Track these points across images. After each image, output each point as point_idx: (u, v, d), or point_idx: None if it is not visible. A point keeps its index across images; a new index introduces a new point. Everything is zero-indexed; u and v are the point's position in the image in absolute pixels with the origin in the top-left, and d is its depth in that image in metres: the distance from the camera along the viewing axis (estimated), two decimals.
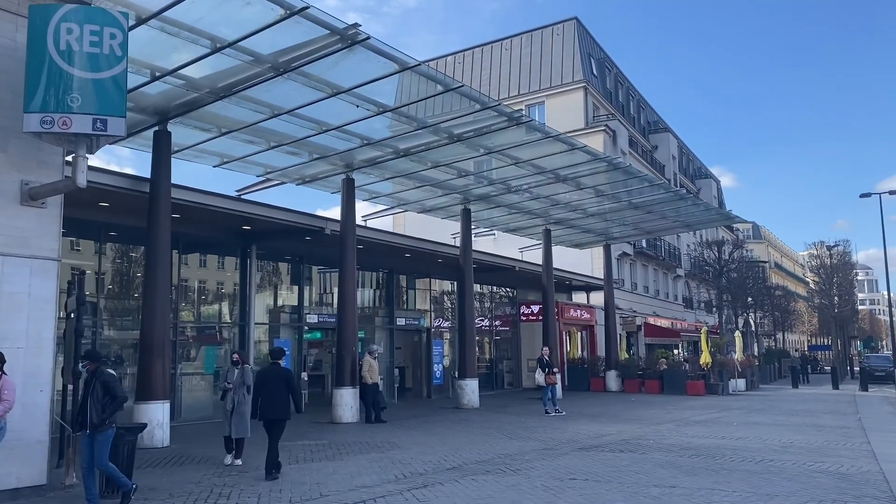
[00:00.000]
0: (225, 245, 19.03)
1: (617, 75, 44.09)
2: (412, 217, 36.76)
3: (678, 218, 26.25)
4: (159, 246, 13.39)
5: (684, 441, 13.29)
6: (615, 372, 28.67)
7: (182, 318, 18.01)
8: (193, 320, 18.60)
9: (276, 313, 20.83)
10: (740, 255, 43.80)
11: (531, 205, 22.80)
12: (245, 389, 10.79)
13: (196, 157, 15.99)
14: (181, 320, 17.87)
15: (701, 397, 25.46)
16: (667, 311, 46.13)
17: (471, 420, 17.33)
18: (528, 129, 16.31)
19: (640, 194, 22.41)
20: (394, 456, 11.49)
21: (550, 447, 12.53)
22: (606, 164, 19.15)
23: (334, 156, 16.47)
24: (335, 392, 17.01)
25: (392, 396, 23.09)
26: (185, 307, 18.35)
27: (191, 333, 18.53)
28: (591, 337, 33.68)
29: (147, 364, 13.03)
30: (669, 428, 15.61)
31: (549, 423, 16.67)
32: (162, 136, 13.63)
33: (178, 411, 17.31)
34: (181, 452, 12.06)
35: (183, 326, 18.11)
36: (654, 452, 11.81)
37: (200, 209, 15.77)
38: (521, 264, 27.29)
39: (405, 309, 25.50)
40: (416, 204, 21.95)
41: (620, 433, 14.65)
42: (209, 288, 19.25)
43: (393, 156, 16.82)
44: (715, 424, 16.40)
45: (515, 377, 30.42)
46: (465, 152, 17.22)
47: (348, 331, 17.32)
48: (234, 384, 10.95)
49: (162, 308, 13.25)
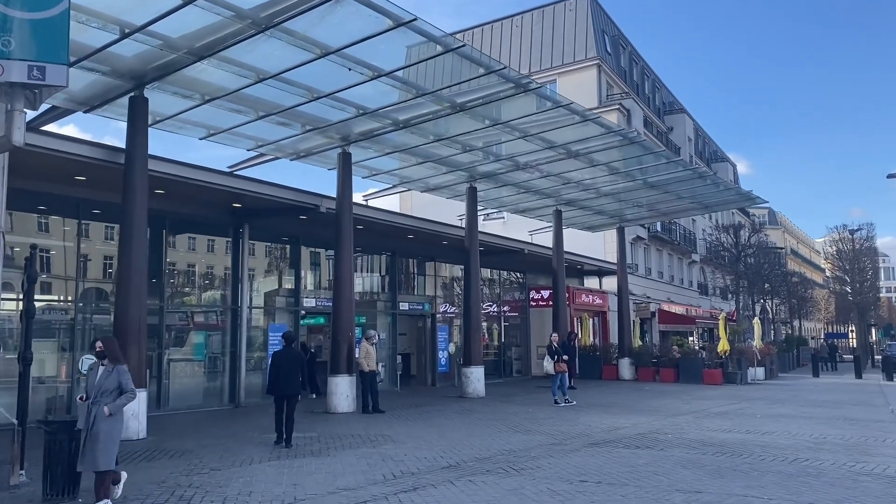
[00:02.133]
0: (216, 225, 17.99)
1: (631, 53, 42.61)
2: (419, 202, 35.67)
3: (696, 198, 24.94)
4: (135, 222, 12.34)
5: (706, 436, 12.15)
6: (628, 360, 27.50)
7: (170, 301, 17.01)
8: (182, 304, 17.60)
9: (271, 297, 19.80)
10: (759, 239, 42.34)
11: (541, 184, 21.61)
12: (114, 397, 7.05)
13: (180, 129, 14.88)
14: (169, 304, 16.87)
15: (718, 387, 24.29)
16: (681, 298, 44.82)
17: (474, 410, 16.26)
18: (536, 98, 15.12)
19: (657, 172, 21.15)
20: (386, 451, 10.42)
21: (559, 442, 11.43)
22: (621, 139, 17.91)
23: (328, 127, 15.34)
24: (330, 380, 15.98)
25: (394, 384, 22.09)
26: (173, 290, 17.35)
27: (179, 318, 17.54)
28: (604, 323, 32.51)
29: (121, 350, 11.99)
30: (688, 420, 14.47)
31: (558, 414, 15.58)
32: (137, 103, 12.55)
33: (165, 399, 16.39)
34: (156, 446, 11.05)
35: (171, 310, 17.12)
36: (673, 449, 10.68)
37: (186, 184, 14.72)
38: (530, 247, 26.12)
39: (409, 294, 24.42)
40: (419, 182, 20.80)
41: (636, 426, 13.53)
42: (199, 270, 18.22)
43: (392, 128, 15.66)
44: (737, 416, 15.25)
45: (524, 365, 29.32)
46: (470, 125, 16.03)
47: (344, 315, 16.26)
48: (93, 391, 7.07)
49: (137, 290, 12.21)
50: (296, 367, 11.26)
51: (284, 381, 11.13)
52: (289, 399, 11.15)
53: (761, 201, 25.62)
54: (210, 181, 14.98)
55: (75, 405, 14.67)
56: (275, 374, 11.31)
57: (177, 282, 17.56)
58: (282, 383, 11.15)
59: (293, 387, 11.17)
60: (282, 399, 11.16)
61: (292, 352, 11.56)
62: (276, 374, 11.28)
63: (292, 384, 11.16)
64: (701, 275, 51.09)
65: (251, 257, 19.13)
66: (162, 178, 14.08)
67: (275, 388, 11.27)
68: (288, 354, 11.42)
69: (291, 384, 11.16)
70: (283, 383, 11.15)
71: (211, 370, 17.89)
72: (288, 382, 11.14)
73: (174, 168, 14.18)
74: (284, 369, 11.18)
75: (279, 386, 11.18)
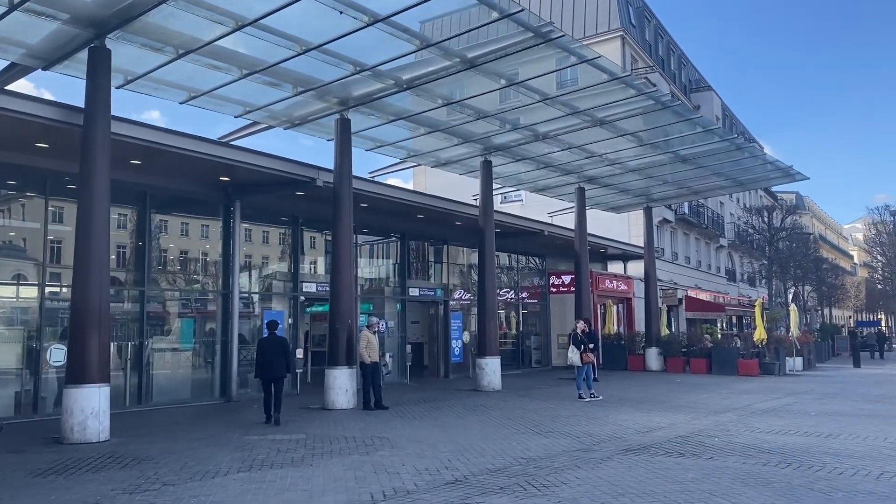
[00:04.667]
0: (204, 202, 16.38)
1: (657, 27, 40.41)
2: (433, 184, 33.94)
3: (730, 174, 22.93)
4: (95, 193, 10.72)
5: (759, 439, 10.34)
6: (656, 349, 25.60)
7: (153, 285, 15.45)
8: (167, 288, 16.02)
9: (266, 282, 18.19)
10: (793, 221, 39.98)
11: (562, 157, 19.73)
12: None
13: (156, 90, 13.21)
14: (151, 288, 15.31)
15: (755, 378, 22.37)
16: (709, 284, 42.72)
17: (489, 406, 14.54)
18: (557, 58, 13.28)
19: (690, 143, 19.20)
20: (381, 460, 8.73)
21: (587, 447, 9.68)
22: (653, 103, 15.98)
23: (323, 88, 13.61)
24: (327, 373, 14.32)
25: (404, 376, 20.45)
26: (156, 274, 15.78)
27: (163, 304, 15.99)
28: (629, 311, 30.59)
29: (79, 340, 10.43)
30: (733, 419, 12.65)
31: (584, 411, 13.82)
32: (98, 54, 10.90)
33: (147, 394, 14.87)
34: (115, 451, 9.46)
35: (154, 295, 15.56)
36: (725, 457, 8.89)
37: (165, 152, 13.10)
38: (550, 228, 24.29)
39: (420, 279, 22.73)
40: (428, 156, 19.02)
41: (674, 426, 11.74)
42: (186, 252, 16.62)
43: (395, 89, 13.88)
44: (787, 414, 13.39)
45: (544, 355, 27.52)
46: (484, 85, 14.21)
47: (343, 300, 14.59)
48: None
49: (98, 271, 10.59)
50: (280, 353, 12.22)
51: (270, 366, 12.11)
52: (275, 382, 12.11)
53: (802, 177, 23.52)
54: (192, 149, 13.33)
55: (42, 399, 13.24)
56: (261, 360, 12.26)
57: (160, 265, 15.98)
58: (268, 368, 12.14)
59: (277, 370, 12.12)
60: (269, 382, 12.17)
61: (276, 338, 12.48)
62: (262, 360, 12.24)
63: (276, 368, 12.12)
64: (728, 260, 48.86)
65: (246, 240, 17.58)
66: (135, 144, 12.47)
67: (262, 372, 12.25)
68: (272, 341, 12.38)
69: (275, 368, 12.12)
70: (269, 368, 12.13)
71: (199, 361, 16.35)
72: (273, 367, 12.11)
73: (149, 133, 12.55)
74: (269, 354, 12.16)
75: (265, 370, 12.17)
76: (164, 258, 16.08)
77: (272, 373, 12.12)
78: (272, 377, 12.12)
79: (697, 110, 44.33)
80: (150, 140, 12.55)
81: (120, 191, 14.65)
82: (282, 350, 12.26)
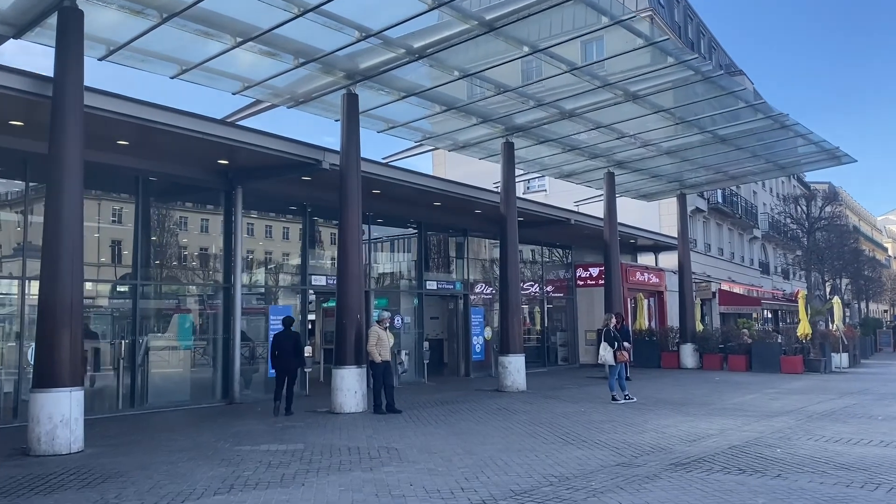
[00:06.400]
0: (203, 188, 15.20)
1: (686, 8, 38.61)
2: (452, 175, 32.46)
3: (772, 157, 21.29)
4: (66, 174, 9.51)
5: (829, 450, 8.85)
6: (691, 345, 24.00)
7: (148, 278, 14.30)
8: (163, 282, 14.86)
9: (273, 274, 16.97)
10: (833, 210, 37.90)
11: (590, 139, 18.26)
12: None
13: (143, 63, 12.03)
14: (146, 281, 14.14)
15: (800, 376, 20.74)
16: (742, 277, 40.84)
17: (513, 410, 13.16)
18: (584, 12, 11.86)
19: (731, 122, 17.63)
20: (385, 478, 7.41)
21: (628, 461, 8.26)
22: (693, 73, 14.46)
23: (325, 58, 12.30)
24: (334, 373, 13.05)
25: (421, 375, 19.13)
26: (153, 265, 14.63)
27: (160, 299, 14.84)
28: (661, 304, 28.95)
29: (47, 338, 9.23)
30: (790, 425, 11.14)
31: (619, 415, 12.39)
32: (68, 15, 9.70)
33: (142, 396, 13.73)
34: (84, 465, 8.26)
35: (148, 290, 14.41)
36: (795, 474, 7.43)
37: (155, 130, 11.85)
38: (577, 217, 22.80)
39: (438, 271, 21.39)
40: (445, 138, 17.63)
41: (724, 433, 10.27)
42: (184, 243, 15.43)
43: (406, 58, 12.53)
44: (850, 419, 11.85)
45: (571, 351, 26.03)
46: (503, 51, 12.81)
47: (352, 292, 13.29)
48: None
49: (69, 261, 9.38)
50: (294, 347, 12.88)
51: (284, 360, 12.76)
52: (289, 375, 12.80)
53: (849, 159, 21.79)
54: (186, 127, 12.08)
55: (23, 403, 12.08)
56: (276, 354, 12.89)
57: (156, 256, 14.81)
58: (282, 362, 12.79)
59: (291, 364, 12.80)
60: (283, 374, 12.79)
61: (291, 333, 13.01)
62: (277, 354, 12.87)
63: (290, 362, 12.79)
64: (762, 252, 46.86)
65: (250, 233, 16.40)
66: (120, 121, 11.26)
67: (276, 364, 12.94)
68: (287, 336, 12.93)
69: (289, 362, 12.78)
70: (283, 362, 12.78)
71: (199, 361, 15.17)
72: (286, 360, 12.76)
73: (134, 108, 11.28)
74: (283, 349, 12.78)
75: (280, 364, 12.83)
76: (159, 249, 14.90)
77: (286, 366, 12.76)
78: (286, 370, 12.76)
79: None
80: (135, 116, 11.31)
81: (108, 176, 13.58)
82: (295, 345, 12.89)
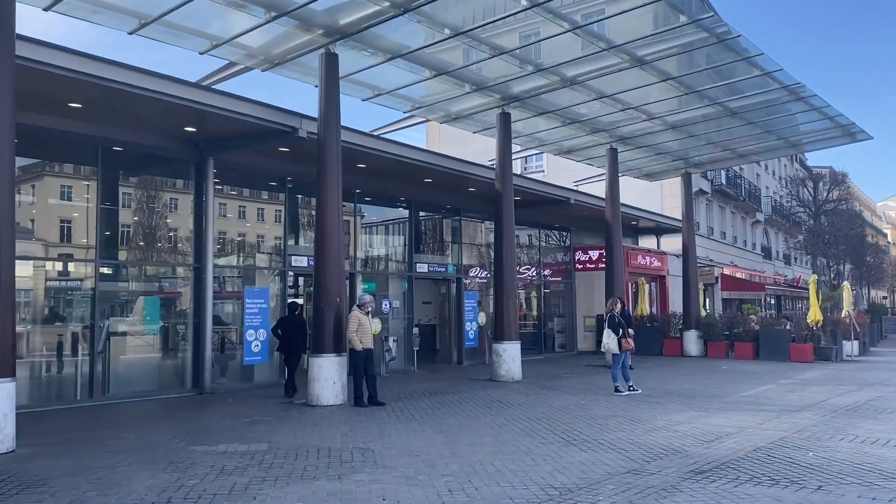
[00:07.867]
0: (170, 159, 13.92)
1: None
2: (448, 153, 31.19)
3: (784, 132, 20.08)
4: None
5: (868, 454, 7.70)
6: (696, 332, 22.86)
7: (109, 257, 13.08)
8: (126, 261, 13.64)
9: (249, 254, 15.76)
10: (841, 192, 36.69)
11: (591, 111, 17.03)
12: None
13: (95, 14, 10.73)
14: (105, 259, 12.92)
15: (811, 364, 19.66)
16: (745, 262, 39.72)
17: (508, 402, 12.00)
18: None
19: (744, 91, 16.39)
20: (353, 489, 6.24)
21: (640, 467, 7.11)
22: (707, 35, 13.21)
23: (300, 9, 11.00)
24: (311, 362, 11.86)
25: (411, 363, 18.00)
26: (113, 244, 13.39)
27: (123, 279, 13.63)
28: (662, 289, 27.83)
29: None
30: (816, 422, 10.00)
31: (623, 409, 11.24)
32: None
33: (103, 385, 12.56)
34: (6, 471, 7.09)
35: (109, 269, 13.19)
36: (839, 486, 6.29)
37: (110, 90, 10.54)
38: (577, 196, 21.58)
39: (430, 253, 20.20)
40: (436, 108, 16.36)
41: (744, 432, 9.13)
42: (149, 218, 14.15)
43: (391, 11, 11.23)
44: (881, 414, 10.71)
45: (569, 338, 24.89)
46: (501, 6, 11.54)
47: (331, 273, 12.09)
48: None
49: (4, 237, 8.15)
50: (297, 331, 13.36)
51: (289, 342, 13.22)
52: (293, 356, 13.29)
53: (864, 136, 20.61)
54: (143, 86, 10.74)
55: None
56: (284, 336, 13.27)
57: (120, 234, 13.57)
58: (290, 344, 13.24)
59: (297, 346, 13.30)
60: (290, 356, 13.28)
61: (295, 318, 13.51)
62: (285, 336, 13.25)
63: (296, 344, 13.27)
64: (764, 237, 45.72)
65: (224, 209, 15.18)
66: (67, 77, 9.96)
67: (284, 346, 13.33)
68: (291, 320, 13.45)
69: (295, 344, 13.27)
70: (290, 344, 13.23)
71: (168, 347, 13.98)
72: (292, 343, 13.23)
73: (78, 62, 9.95)
74: (289, 332, 13.24)
75: (287, 346, 13.27)
76: (124, 226, 13.65)
77: (292, 348, 13.26)
78: (291, 351, 13.27)
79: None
80: (83, 71, 10.00)
81: (64, 143, 12.32)
82: (300, 329, 13.40)
